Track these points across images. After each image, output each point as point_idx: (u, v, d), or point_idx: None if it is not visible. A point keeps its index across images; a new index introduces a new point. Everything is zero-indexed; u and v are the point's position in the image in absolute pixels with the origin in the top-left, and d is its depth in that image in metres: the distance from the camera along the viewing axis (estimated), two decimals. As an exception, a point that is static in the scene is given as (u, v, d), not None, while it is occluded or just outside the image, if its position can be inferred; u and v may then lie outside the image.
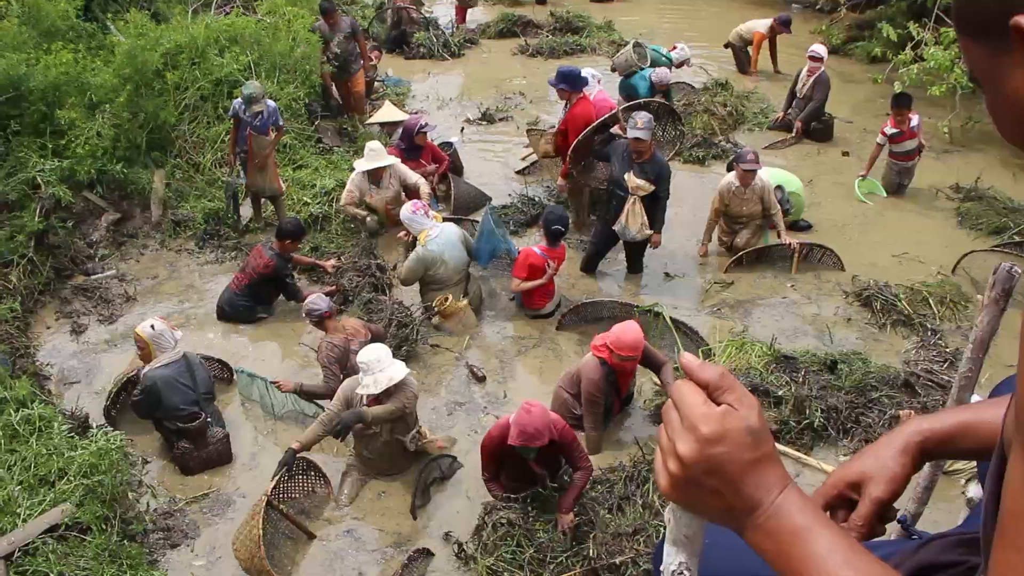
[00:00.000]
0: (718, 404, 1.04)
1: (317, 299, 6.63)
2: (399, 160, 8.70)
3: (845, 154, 11.03)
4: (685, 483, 1.05)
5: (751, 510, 1.03)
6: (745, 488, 1.03)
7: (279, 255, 7.65)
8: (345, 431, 5.76)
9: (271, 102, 8.75)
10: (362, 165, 8.47)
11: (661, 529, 5.08)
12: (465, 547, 5.37)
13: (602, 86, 9.75)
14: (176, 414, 6.03)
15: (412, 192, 8.53)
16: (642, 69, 10.38)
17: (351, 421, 5.66)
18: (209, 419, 6.17)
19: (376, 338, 6.59)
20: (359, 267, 8.16)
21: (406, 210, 7.60)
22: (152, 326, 6.08)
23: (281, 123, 8.97)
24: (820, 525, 1.02)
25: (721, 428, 1.02)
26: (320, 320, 6.60)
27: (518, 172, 10.44)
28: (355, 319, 6.99)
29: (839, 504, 1.46)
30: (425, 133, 9.17)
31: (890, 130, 9.56)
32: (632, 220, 7.87)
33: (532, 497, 5.50)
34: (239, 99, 8.52)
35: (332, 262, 8.22)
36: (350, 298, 7.86)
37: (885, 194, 9.95)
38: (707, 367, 1.07)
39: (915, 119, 9.54)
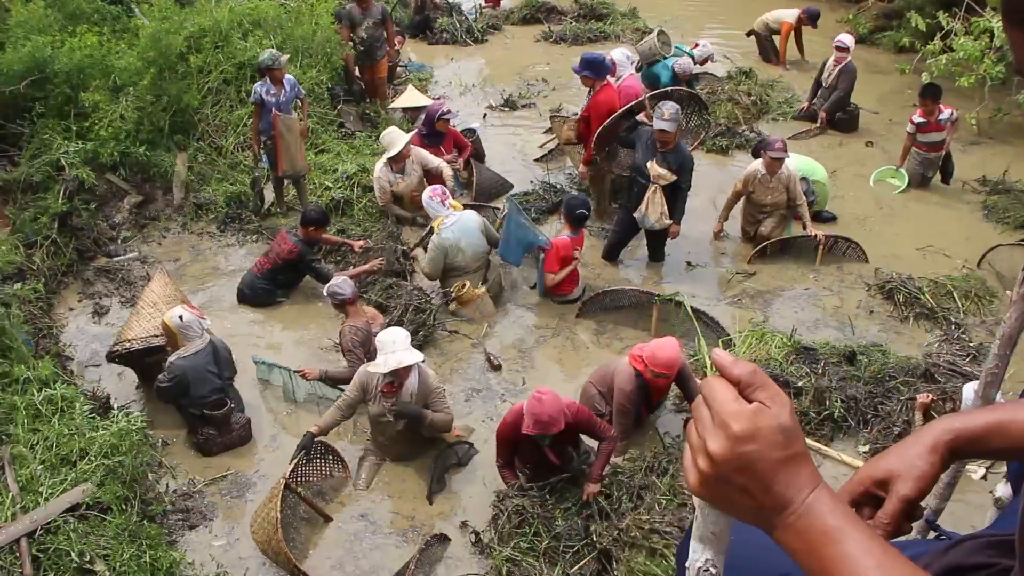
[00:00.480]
0: (749, 401, 1.03)
1: (343, 283, 6.63)
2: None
3: (869, 144, 10.92)
4: (715, 480, 1.04)
5: (781, 509, 1.02)
6: (776, 487, 1.01)
7: (303, 241, 7.68)
8: (400, 418, 5.77)
9: (289, 76, 8.73)
10: (388, 153, 8.45)
11: (675, 520, 5.07)
12: (481, 536, 5.38)
13: (633, 68, 9.62)
14: (202, 402, 6.06)
15: (434, 177, 8.51)
16: (665, 58, 10.30)
17: (408, 414, 5.70)
18: (233, 405, 6.21)
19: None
20: (384, 249, 8.17)
21: (425, 195, 7.60)
22: (180, 316, 6.04)
23: (302, 93, 8.95)
24: (852, 526, 1.00)
25: (752, 426, 1.00)
26: (342, 304, 6.61)
27: (537, 160, 10.40)
28: (371, 308, 6.98)
29: (865, 501, 1.43)
30: (447, 120, 9.15)
31: (917, 119, 9.46)
32: (652, 209, 7.83)
33: (547, 485, 5.51)
34: (260, 83, 8.51)
35: (361, 242, 8.25)
36: (372, 281, 7.85)
37: (904, 184, 9.81)
38: (739, 363, 1.05)
39: (947, 113, 9.38)
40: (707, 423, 1.04)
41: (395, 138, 8.45)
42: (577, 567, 5.12)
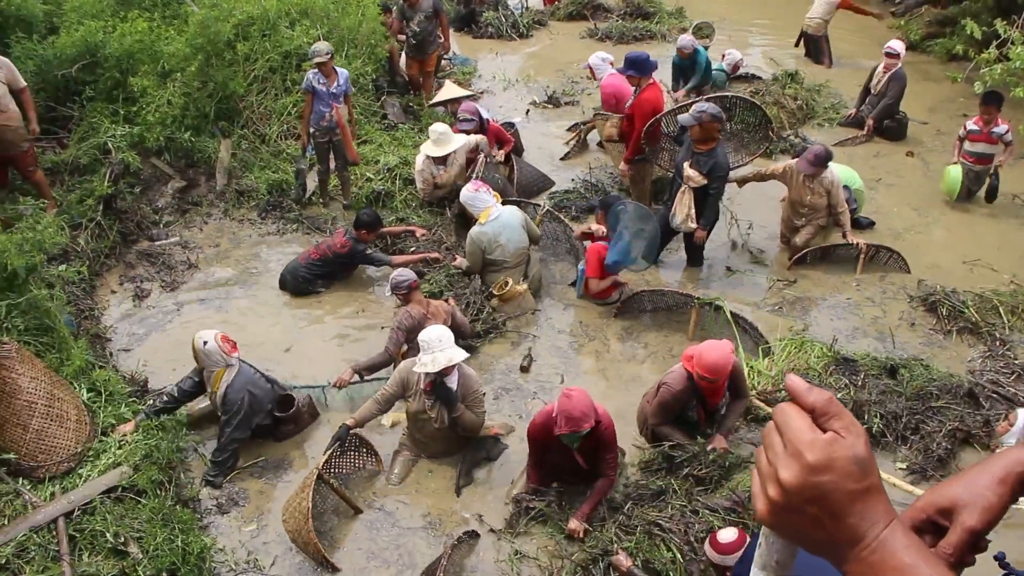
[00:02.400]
0: (824, 430, 1.01)
1: (404, 270, 6.74)
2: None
3: (909, 154, 10.72)
4: (785, 510, 1.02)
5: (854, 543, 1.00)
6: (849, 519, 1.00)
7: (356, 240, 7.80)
8: (440, 397, 5.73)
9: (342, 69, 8.78)
10: (431, 151, 8.44)
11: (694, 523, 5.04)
12: (501, 535, 5.41)
13: (614, 68, 9.83)
14: (267, 410, 6.04)
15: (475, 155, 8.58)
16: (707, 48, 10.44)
17: (452, 398, 5.68)
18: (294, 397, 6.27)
19: (457, 328, 6.54)
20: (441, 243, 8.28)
21: (466, 191, 7.60)
22: (205, 342, 5.81)
23: (351, 90, 9.01)
24: (927, 563, 0.99)
25: (828, 456, 0.99)
26: (408, 291, 6.63)
27: (562, 159, 10.40)
28: (442, 303, 6.99)
29: (926, 529, 1.40)
30: (464, 129, 8.84)
31: (971, 126, 9.28)
32: (680, 210, 7.78)
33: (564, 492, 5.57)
34: (311, 71, 8.54)
35: (423, 230, 8.38)
36: (439, 267, 7.91)
37: (952, 195, 9.60)
38: (815, 391, 1.03)
39: (1002, 128, 9.15)
40: (779, 451, 1.02)
41: (447, 137, 8.42)
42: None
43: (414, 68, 11.03)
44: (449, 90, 10.41)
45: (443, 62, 12.29)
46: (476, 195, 7.54)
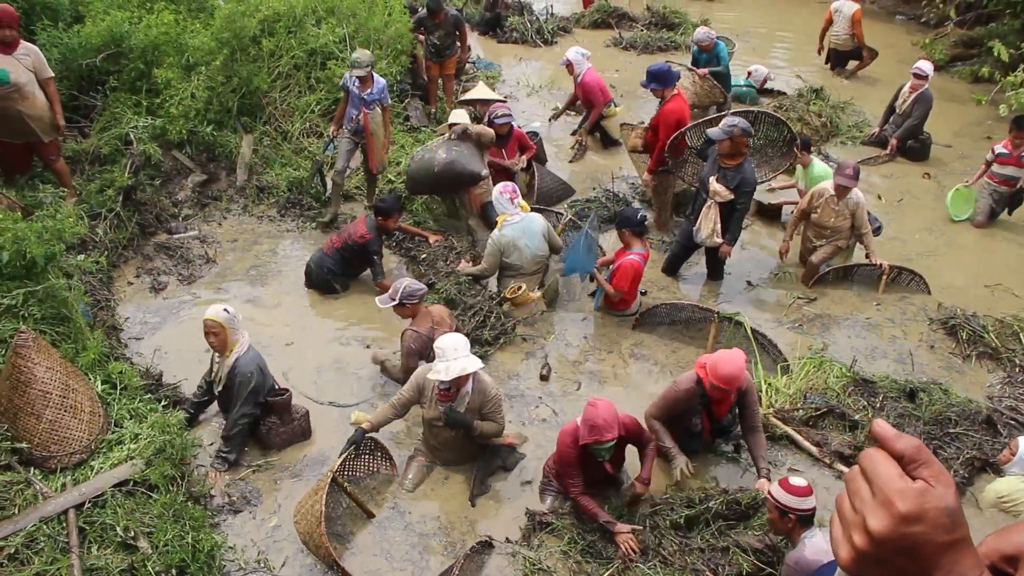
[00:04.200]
0: (912, 478, 0.98)
1: (414, 281, 6.51)
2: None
3: (926, 176, 10.63)
4: (871, 560, 0.99)
5: None
6: (937, 572, 0.97)
7: (376, 228, 7.72)
8: (451, 425, 5.69)
9: (380, 78, 8.67)
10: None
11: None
12: (515, 545, 5.37)
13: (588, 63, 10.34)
14: (267, 391, 6.03)
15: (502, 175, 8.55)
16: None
17: (459, 421, 5.62)
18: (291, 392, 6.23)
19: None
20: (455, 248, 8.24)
21: (496, 191, 7.57)
22: (226, 309, 5.83)
23: (388, 102, 8.80)
24: None
25: (919, 507, 0.96)
26: (417, 303, 6.45)
27: (571, 161, 10.49)
28: (442, 307, 6.94)
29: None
30: (502, 122, 8.86)
31: (999, 149, 9.21)
32: (705, 225, 7.72)
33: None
34: (349, 72, 8.48)
35: (437, 237, 8.32)
36: (447, 273, 7.82)
37: (968, 213, 9.57)
38: (904, 437, 1.01)
39: None
40: (867, 498, 0.99)
41: (460, 117, 8.52)
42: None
43: (434, 70, 11.01)
44: (480, 90, 10.38)
45: (468, 65, 12.27)
46: (499, 198, 7.50)
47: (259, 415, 6.00)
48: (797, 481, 4.69)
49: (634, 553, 5.11)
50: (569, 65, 10.31)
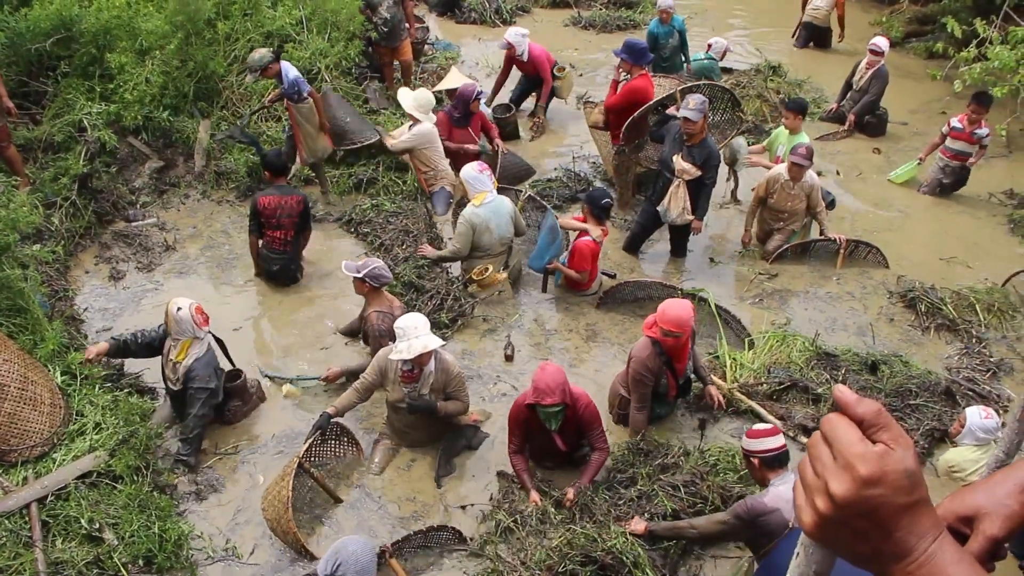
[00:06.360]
0: (873, 442, 0.99)
1: (386, 269, 6.42)
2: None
3: (876, 151, 10.74)
4: (833, 523, 1.01)
5: (901, 556, 1.00)
6: (897, 533, 0.99)
7: (291, 187, 7.73)
8: (414, 412, 5.71)
9: (291, 70, 8.30)
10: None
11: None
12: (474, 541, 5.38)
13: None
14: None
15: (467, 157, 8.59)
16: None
17: (422, 408, 5.65)
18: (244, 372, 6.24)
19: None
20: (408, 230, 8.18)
21: (472, 169, 7.49)
22: (179, 308, 5.72)
23: (307, 88, 8.45)
24: None
25: (880, 469, 0.97)
26: (379, 286, 6.39)
27: (530, 140, 10.52)
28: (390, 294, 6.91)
29: None
30: (479, 100, 9.05)
31: (955, 123, 9.34)
32: (674, 204, 7.75)
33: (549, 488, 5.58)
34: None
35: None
36: (405, 258, 7.77)
37: (907, 173, 9.86)
38: (864, 402, 1.02)
39: (984, 131, 9.21)
40: (829, 463, 1.01)
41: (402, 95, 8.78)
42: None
43: (386, 56, 10.70)
44: (453, 77, 10.26)
45: (426, 47, 12.16)
46: (479, 176, 7.45)
47: (216, 411, 6.01)
48: (758, 425, 4.86)
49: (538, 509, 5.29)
50: (510, 47, 10.26)
